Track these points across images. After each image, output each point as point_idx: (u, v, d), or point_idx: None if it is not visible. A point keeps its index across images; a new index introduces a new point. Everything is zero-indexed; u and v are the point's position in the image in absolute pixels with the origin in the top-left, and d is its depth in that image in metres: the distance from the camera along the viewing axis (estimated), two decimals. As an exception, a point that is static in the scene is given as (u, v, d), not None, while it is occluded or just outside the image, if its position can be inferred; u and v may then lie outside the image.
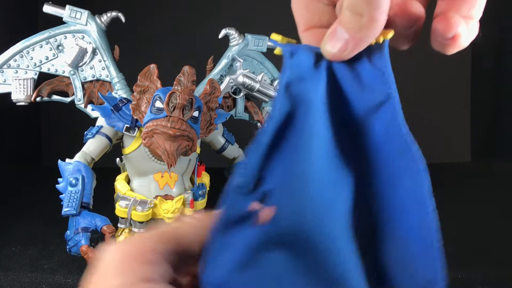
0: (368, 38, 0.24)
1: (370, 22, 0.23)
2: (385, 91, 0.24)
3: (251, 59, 0.71)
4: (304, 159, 0.24)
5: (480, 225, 0.83)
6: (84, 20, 0.65)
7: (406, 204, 0.23)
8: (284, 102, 0.25)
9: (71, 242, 0.57)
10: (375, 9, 0.23)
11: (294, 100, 0.25)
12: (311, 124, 0.25)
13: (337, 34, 0.24)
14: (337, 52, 0.24)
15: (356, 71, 0.25)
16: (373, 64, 0.25)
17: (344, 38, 0.24)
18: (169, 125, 0.53)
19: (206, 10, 1.32)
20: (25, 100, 0.65)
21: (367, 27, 0.23)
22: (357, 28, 0.23)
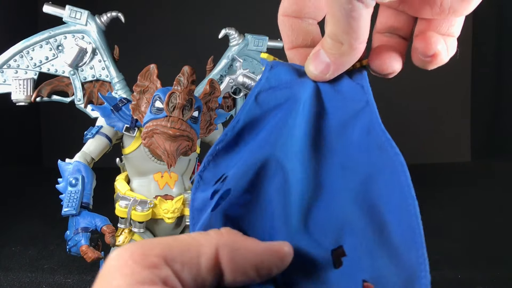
0: (347, 63, 0.26)
1: (350, 50, 0.25)
2: (364, 99, 0.27)
3: (251, 59, 0.71)
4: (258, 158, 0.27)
5: (480, 225, 0.83)
6: (84, 20, 0.65)
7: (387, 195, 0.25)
8: (251, 108, 0.28)
9: (71, 242, 0.57)
10: (354, 39, 0.24)
11: (261, 106, 0.28)
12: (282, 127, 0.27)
13: (319, 57, 0.26)
14: (319, 73, 0.27)
15: (338, 85, 0.28)
16: (354, 79, 0.27)
17: (326, 61, 0.26)
18: (169, 125, 0.53)
19: (206, 10, 1.32)
20: (25, 100, 0.65)
21: (347, 54, 0.25)
22: (338, 54, 0.26)
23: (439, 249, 0.71)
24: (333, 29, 0.25)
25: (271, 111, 0.28)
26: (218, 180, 0.27)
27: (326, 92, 0.28)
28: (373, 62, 0.28)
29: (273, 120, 0.28)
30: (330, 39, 0.25)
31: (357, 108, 0.27)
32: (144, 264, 0.19)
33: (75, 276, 0.66)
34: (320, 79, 0.27)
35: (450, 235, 0.77)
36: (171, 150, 0.54)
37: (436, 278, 0.61)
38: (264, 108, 0.28)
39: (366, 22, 0.24)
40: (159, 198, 0.60)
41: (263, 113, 0.28)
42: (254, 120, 0.28)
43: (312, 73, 0.27)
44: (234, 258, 0.21)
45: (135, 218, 0.59)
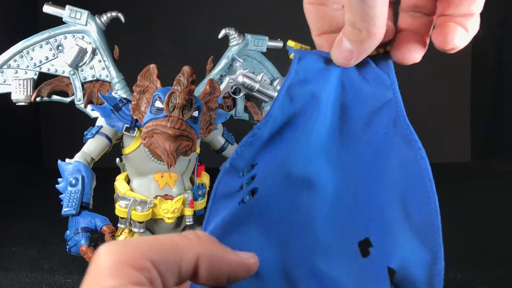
0: (368, 49, 0.27)
1: (368, 36, 0.26)
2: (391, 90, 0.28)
3: (251, 59, 0.71)
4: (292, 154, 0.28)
5: (480, 225, 0.83)
6: (84, 20, 0.65)
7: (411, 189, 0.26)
8: (284, 102, 0.29)
9: (71, 242, 0.57)
10: (372, 26, 0.25)
11: (293, 101, 0.29)
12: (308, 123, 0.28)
13: (343, 44, 0.27)
14: (343, 60, 0.28)
15: (364, 72, 0.29)
16: (379, 67, 0.28)
17: (348, 48, 0.27)
18: (169, 125, 0.53)
19: (206, 10, 1.32)
20: (25, 100, 0.65)
21: (367, 41, 0.26)
22: (358, 41, 0.27)
23: (439, 249, 0.71)
24: (351, 17, 0.26)
25: (302, 108, 0.29)
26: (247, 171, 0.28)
27: (352, 80, 0.28)
28: (394, 53, 0.29)
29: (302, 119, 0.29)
30: (349, 27, 0.26)
31: (383, 99, 0.28)
32: (134, 266, 0.20)
33: (75, 276, 0.66)
34: (345, 65, 0.28)
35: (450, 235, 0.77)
36: (171, 150, 0.54)
37: (436, 278, 0.61)
38: (296, 103, 0.29)
39: (382, 9, 0.25)
40: (159, 198, 0.60)
41: (296, 109, 0.29)
42: (287, 115, 0.29)
43: (337, 60, 0.28)
44: (212, 268, 0.22)
45: (135, 218, 0.59)
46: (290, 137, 0.28)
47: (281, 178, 0.27)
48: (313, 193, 0.27)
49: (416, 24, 0.29)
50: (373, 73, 0.28)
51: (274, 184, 0.27)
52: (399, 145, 0.26)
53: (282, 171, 0.28)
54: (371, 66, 0.29)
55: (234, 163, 0.28)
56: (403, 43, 0.29)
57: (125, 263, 0.20)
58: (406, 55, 0.28)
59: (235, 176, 0.28)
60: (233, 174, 0.28)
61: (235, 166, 0.28)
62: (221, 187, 0.27)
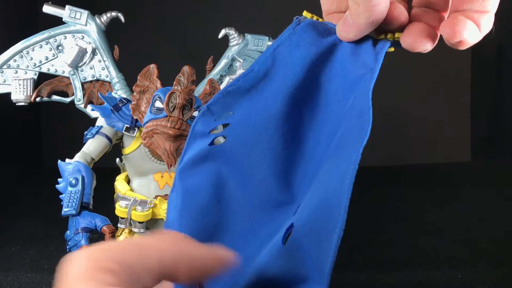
0: (366, 25, 0.28)
1: (365, 11, 0.27)
2: (371, 66, 0.28)
3: (251, 59, 0.71)
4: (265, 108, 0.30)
5: (480, 225, 0.83)
6: (84, 20, 0.65)
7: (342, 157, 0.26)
8: (267, 61, 0.31)
9: (71, 242, 0.57)
10: (368, 1, 0.26)
11: (275, 61, 0.31)
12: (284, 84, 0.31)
13: (347, 18, 0.29)
14: (343, 33, 0.29)
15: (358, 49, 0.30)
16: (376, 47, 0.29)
17: (349, 22, 0.29)
18: (169, 125, 0.53)
19: (206, 10, 1.32)
20: (25, 100, 0.65)
21: (363, 15, 0.27)
22: (356, 15, 0.28)
23: (439, 249, 0.71)
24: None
25: (282, 70, 0.31)
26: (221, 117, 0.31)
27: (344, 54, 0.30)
28: (404, 39, 0.29)
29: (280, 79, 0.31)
30: (351, 1, 0.28)
31: (360, 73, 0.29)
32: (102, 269, 0.20)
33: (75, 276, 0.65)
34: (344, 39, 0.30)
35: (450, 235, 0.77)
36: (171, 150, 0.54)
37: (436, 278, 0.61)
38: (279, 64, 0.31)
39: None
40: (159, 198, 0.60)
41: (277, 69, 0.31)
42: (268, 73, 0.31)
43: (339, 33, 0.30)
44: (177, 264, 0.22)
45: (135, 218, 0.59)
46: (265, 94, 0.31)
47: (248, 131, 0.30)
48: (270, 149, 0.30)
49: (427, 17, 0.29)
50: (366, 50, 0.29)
51: (241, 135, 0.30)
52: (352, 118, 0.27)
53: (251, 124, 0.30)
54: (369, 44, 0.29)
55: (211, 107, 0.31)
56: (415, 29, 0.29)
57: (94, 267, 0.20)
58: (417, 41, 0.28)
59: (211, 119, 0.31)
60: (209, 117, 0.31)
61: (211, 110, 0.31)
62: (198, 126, 0.31)
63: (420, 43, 0.28)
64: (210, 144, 0.30)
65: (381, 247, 0.73)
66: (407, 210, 0.92)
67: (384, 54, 0.29)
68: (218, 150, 0.30)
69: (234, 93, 0.31)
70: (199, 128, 0.31)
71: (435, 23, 0.29)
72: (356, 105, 0.27)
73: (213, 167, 0.30)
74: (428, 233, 0.79)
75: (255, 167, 0.30)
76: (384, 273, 0.62)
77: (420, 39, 0.28)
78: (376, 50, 0.29)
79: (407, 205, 0.95)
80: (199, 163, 0.30)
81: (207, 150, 0.30)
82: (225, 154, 0.30)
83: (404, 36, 0.29)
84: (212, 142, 0.31)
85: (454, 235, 0.77)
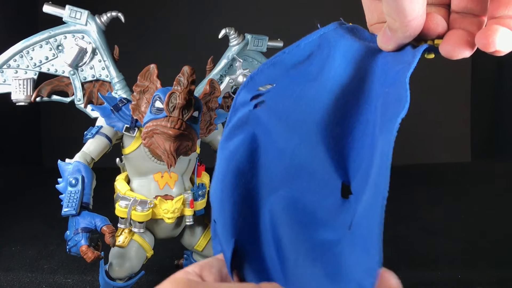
0: (403, 37, 0.30)
1: (401, 26, 0.29)
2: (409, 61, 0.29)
3: (251, 59, 0.71)
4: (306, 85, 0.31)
5: (480, 225, 0.83)
6: (84, 20, 0.65)
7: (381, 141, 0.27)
8: (314, 41, 0.33)
9: (71, 242, 0.57)
10: (403, 17, 0.28)
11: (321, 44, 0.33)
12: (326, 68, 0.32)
13: (385, 31, 0.30)
14: (384, 44, 0.31)
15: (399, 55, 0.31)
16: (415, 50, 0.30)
17: (388, 34, 0.30)
18: (169, 125, 0.53)
19: (206, 10, 1.32)
20: (25, 100, 0.65)
21: (400, 30, 0.29)
22: (393, 30, 0.29)
23: (439, 249, 0.71)
24: (386, 8, 0.28)
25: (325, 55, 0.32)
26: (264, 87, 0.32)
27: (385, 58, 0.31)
28: (444, 47, 0.30)
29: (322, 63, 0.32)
30: (387, 16, 0.29)
31: (398, 68, 0.30)
32: None
33: (75, 276, 0.66)
34: (384, 49, 0.31)
35: (450, 235, 0.77)
36: (171, 150, 0.54)
37: (436, 278, 0.61)
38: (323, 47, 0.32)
39: (411, 3, 0.27)
40: (159, 198, 0.60)
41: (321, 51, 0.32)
42: (312, 52, 0.33)
43: (379, 43, 0.31)
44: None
45: (135, 218, 0.59)
46: (311, 70, 0.32)
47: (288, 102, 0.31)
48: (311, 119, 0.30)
49: (466, 23, 0.30)
50: (406, 54, 0.31)
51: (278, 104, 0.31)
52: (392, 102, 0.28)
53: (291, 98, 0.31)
54: (407, 50, 0.31)
55: (254, 77, 0.32)
56: (453, 38, 0.29)
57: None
58: (456, 49, 0.29)
59: (254, 88, 0.32)
60: (252, 86, 0.32)
61: (254, 80, 0.32)
62: (240, 97, 0.33)
63: (458, 51, 0.29)
64: (251, 110, 0.32)
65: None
66: (407, 210, 0.92)
67: (422, 52, 0.30)
68: (257, 115, 0.31)
69: (279, 65, 0.33)
70: (241, 98, 0.33)
71: (474, 29, 0.30)
72: (392, 92, 0.28)
73: (250, 131, 0.31)
74: (428, 233, 0.79)
75: (292, 129, 0.31)
76: (384, 273, 0.62)
77: (459, 47, 0.29)
78: (414, 51, 0.30)
79: (407, 205, 0.95)
80: (238, 128, 0.32)
81: (247, 115, 0.32)
82: (263, 118, 0.31)
83: (444, 44, 0.30)
84: (254, 107, 0.32)
85: (454, 235, 0.77)
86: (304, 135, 0.30)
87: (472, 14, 0.30)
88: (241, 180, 0.30)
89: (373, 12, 0.33)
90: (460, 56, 0.29)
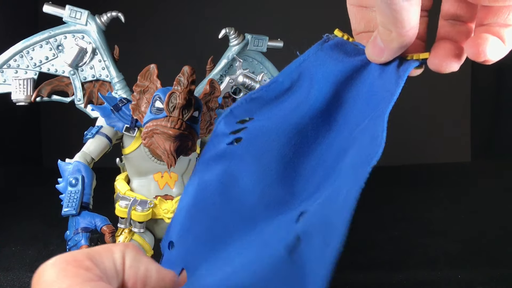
0: (398, 49, 0.29)
1: (398, 37, 0.27)
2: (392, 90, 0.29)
3: (251, 59, 0.71)
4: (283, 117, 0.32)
5: (480, 225, 0.83)
6: (84, 20, 0.65)
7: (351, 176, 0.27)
8: (292, 74, 0.32)
9: (71, 242, 0.57)
10: (400, 28, 0.27)
11: (301, 76, 0.32)
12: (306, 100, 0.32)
13: (376, 42, 0.29)
14: (376, 57, 0.30)
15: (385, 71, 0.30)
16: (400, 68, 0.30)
17: (380, 46, 0.29)
18: (169, 125, 0.53)
19: (206, 10, 1.32)
20: (25, 100, 0.65)
21: (397, 41, 0.28)
22: (388, 40, 0.28)
23: (439, 249, 0.71)
24: (381, 19, 0.27)
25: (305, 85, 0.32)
26: (242, 121, 0.33)
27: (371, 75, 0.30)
28: (432, 61, 0.29)
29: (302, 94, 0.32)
30: (381, 27, 0.28)
31: (383, 96, 0.29)
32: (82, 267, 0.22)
33: (75, 276, 0.65)
34: (377, 62, 0.30)
35: (450, 235, 0.77)
36: (171, 150, 0.54)
37: (436, 278, 0.61)
38: (303, 80, 0.32)
39: (409, 13, 0.26)
40: (159, 198, 0.60)
41: (301, 84, 0.32)
42: (291, 86, 0.32)
43: (370, 56, 0.30)
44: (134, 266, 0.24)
45: (135, 218, 0.59)
46: (286, 104, 0.32)
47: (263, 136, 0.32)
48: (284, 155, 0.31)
49: (455, 32, 0.30)
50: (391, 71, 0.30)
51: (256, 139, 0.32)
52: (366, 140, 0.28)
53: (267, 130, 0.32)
54: (395, 65, 0.30)
55: (233, 111, 0.33)
56: (441, 51, 0.29)
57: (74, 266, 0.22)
58: (443, 63, 0.29)
59: (233, 121, 0.33)
60: (232, 119, 0.33)
61: (233, 113, 0.33)
62: (220, 126, 0.33)
63: (446, 65, 0.29)
64: (228, 144, 0.32)
65: (381, 247, 0.73)
66: (407, 210, 0.92)
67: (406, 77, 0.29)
68: (233, 151, 0.32)
69: (257, 100, 0.33)
70: (221, 128, 0.33)
71: (462, 38, 0.29)
72: (370, 127, 0.28)
73: (225, 165, 0.32)
74: (428, 233, 0.79)
75: (264, 171, 0.31)
76: (384, 273, 0.62)
77: (446, 61, 0.29)
78: (399, 73, 0.29)
79: (407, 205, 0.95)
80: (215, 160, 0.32)
81: (224, 149, 0.32)
82: (239, 155, 0.32)
83: (431, 58, 0.29)
84: (231, 142, 0.32)
85: (454, 235, 0.77)
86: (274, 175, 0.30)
87: (460, 21, 0.30)
88: (207, 213, 0.30)
89: (360, 20, 0.32)
90: (448, 70, 0.29)
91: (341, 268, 0.39)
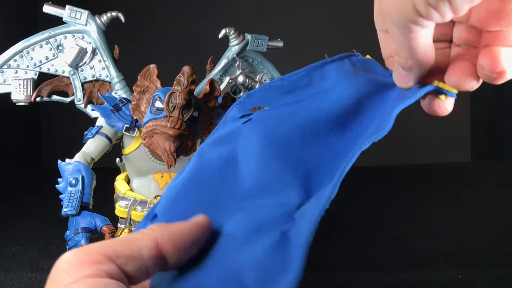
0: (420, 74, 0.29)
1: (415, 63, 0.28)
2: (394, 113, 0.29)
3: (251, 59, 0.71)
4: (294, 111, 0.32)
5: (480, 225, 0.83)
6: (84, 20, 0.65)
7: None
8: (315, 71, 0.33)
9: (71, 242, 0.57)
10: (417, 54, 0.27)
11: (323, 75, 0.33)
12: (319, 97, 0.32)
13: (399, 69, 0.29)
14: (402, 83, 0.30)
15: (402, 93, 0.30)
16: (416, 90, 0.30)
17: (403, 73, 0.29)
18: (169, 125, 0.53)
19: (206, 10, 1.32)
20: (25, 100, 0.65)
21: (416, 67, 0.28)
22: (407, 68, 0.28)
23: (439, 249, 0.71)
24: (397, 48, 0.28)
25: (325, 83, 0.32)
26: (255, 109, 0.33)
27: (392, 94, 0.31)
28: (450, 77, 0.29)
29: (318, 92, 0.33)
30: (396, 56, 0.28)
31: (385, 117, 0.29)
32: (89, 262, 0.22)
33: (75, 276, 0.65)
34: (406, 88, 0.30)
35: (450, 235, 0.77)
36: (171, 150, 0.54)
37: (436, 278, 0.61)
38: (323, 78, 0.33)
39: (425, 40, 0.26)
40: (159, 198, 0.60)
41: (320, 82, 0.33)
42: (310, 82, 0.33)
43: (398, 83, 0.30)
44: (175, 242, 0.25)
45: (135, 218, 0.59)
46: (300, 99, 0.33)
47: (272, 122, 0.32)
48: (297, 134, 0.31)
49: (470, 55, 0.29)
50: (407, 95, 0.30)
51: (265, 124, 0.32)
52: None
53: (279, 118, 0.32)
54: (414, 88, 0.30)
55: (251, 96, 0.33)
56: (459, 68, 0.29)
57: (80, 261, 0.22)
58: (462, 80, 0.29)
59: (247, 107, 0.33)
60: (246, 104, 0.33)
61: (251, 99, 0.33)
62: (232, 111, 0.34)
63: (465, 82, 0.28)
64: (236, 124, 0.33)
65: (381, 247, 0.73)
66: (407, 210, 0.92)
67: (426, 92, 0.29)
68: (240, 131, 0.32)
69: (276, 89, 0.33)
70: (232, 114, 0.34)
71: (475, 59, 0.29)
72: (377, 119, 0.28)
73: (230, 146, 0.32)
74: (428, 233, 0.79)
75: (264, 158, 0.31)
76: (384, 273, 0.62)
77: (465, 78, 0.28)
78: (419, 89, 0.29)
79: (407, 205, 0.95)
80: (221, 141, 0.32)
81: (232, 131, 0.32)
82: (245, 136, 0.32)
83: (450, 75, 0.29)
84: (240, 122, 0.33)
85: (454, 235, 0.77)
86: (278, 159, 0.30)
87: (473, 47, 0.29)
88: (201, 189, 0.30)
89: (387, 45, 0.32)
90: (468, 87, 0.29)
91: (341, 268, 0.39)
